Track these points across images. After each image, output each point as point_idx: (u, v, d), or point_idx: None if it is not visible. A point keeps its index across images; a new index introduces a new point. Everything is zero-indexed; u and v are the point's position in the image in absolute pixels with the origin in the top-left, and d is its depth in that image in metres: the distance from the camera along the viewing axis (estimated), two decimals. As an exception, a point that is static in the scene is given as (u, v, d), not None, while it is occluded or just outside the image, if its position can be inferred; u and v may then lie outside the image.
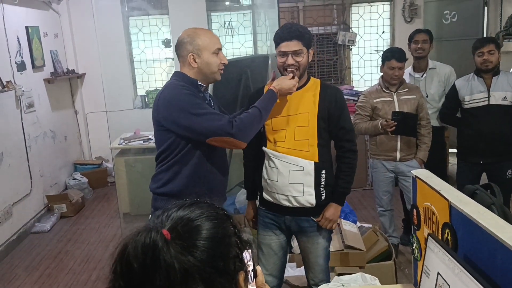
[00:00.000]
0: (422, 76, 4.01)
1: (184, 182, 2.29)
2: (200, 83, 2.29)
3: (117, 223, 5.03)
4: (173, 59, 6.35)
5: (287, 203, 2.44)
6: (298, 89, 2.43)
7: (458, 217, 1.49)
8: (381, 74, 3.68)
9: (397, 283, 3.28)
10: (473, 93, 3.58)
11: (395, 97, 3.59)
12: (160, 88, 6.36)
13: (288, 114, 2.41)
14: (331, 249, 3.33)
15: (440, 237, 1.60)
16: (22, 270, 4.15)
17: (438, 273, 1.47)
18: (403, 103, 3.57)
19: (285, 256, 2.67)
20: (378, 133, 3.59)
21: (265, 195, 2.52)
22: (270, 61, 4.57)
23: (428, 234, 1.59)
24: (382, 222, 3.88)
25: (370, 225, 3.84)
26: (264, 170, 2.49)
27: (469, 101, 3.60)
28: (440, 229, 1.61)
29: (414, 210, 1.88)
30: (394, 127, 3.45)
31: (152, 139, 4.76)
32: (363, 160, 5.65)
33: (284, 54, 2.36)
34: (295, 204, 2.43)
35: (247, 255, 0.93)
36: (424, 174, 1.82)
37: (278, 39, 2.39)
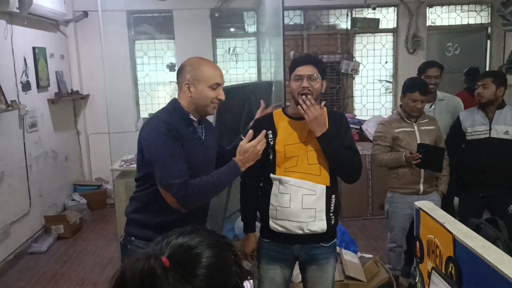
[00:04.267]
0: (430, 107, 3.94)
1: (154, 213, 2.22)
2: (191, 117, 2.23)
3: (114, 246, 4.97)
4: (176, 83, 6.39)
5: (298, 231, 2.38)
6: None
7: (463, 251, 1.47)
8: (400, 103, 3.56)
9: (397, 316, 3.22)
10: (475, 125, 3.58)
11: (416, 127, 3.47)
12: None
13: (300, 141, 2.40)
14: (331, 279, 3.28)
15: (443, 271, 1.58)
16: (17, 291, 4.09)
17: (442, 308, 1.44)
18: (424, 134, 3.44)
19: None
20: (400, 165, 3.43)
21: (272, 225, 2.43)
22: (273, 88, 4.59)
23: (432, 268, 1.57)
24: (390, 256, 3.71)
25: (371, 256, 3.79)
26: (273, 197, 2.43)
27: (471, 132, 3.60)
28: (443, 262, 1.59)
29: (417, 242, 1.85)
30: (419, 160, 3.28)
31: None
32: (365, 189, 5.63)
33: (299, 78, 2.36)
34: (306, 231, 2.38)
35: (247, 284, 0.90)
36: (428, 206, 1.81)
37: (294, 64, 2.40)
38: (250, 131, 2.29)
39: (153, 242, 0.90)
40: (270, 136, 2.45)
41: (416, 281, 1.87)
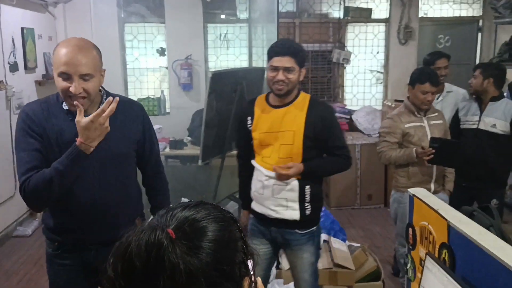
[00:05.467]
0: (437, 99, 3.86)
1: (49, 215, 2.05)
2: (64, 106, 1.90)
3: (101, 230, 4.93)
4: (166, 68, 6.32)
5: (272, 215, 2.46)
6: (286, 105, 2.42)
7: (457, 238, 1.47)
8: (407, 95, 3.36)
9: (384, 304, 3.24)
10: (468, 115, 3.59)
11: (425, 121, 3.25)
12: (151, 96, 6.39)
13: (275, 131, 2.40)
14: (320, 266, 3.29)
15: (436, 257, 1.58)
16: (2, 274, 4.03)
17: (435, 294, 1.44)
18: (433, 128, 3.24)
19: (268, 268, 2.69)
20: (409, 162, 3.20)
21: (252, 205, 2.55)
22: (265, 74, 4.56)
23: (426, 254, 1.56)
24: (401, 263, 3.43)
25: (359, 245, 3.81)
26: (253, 182, 2.52)
27: (463, 121, 3.61)
28: (437, 249, 1.59)
29: (410, 229, 1.85)
30: (431, 156, 3.05)
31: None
32: (353, 179, 5.64)
33: (276, 69, 2.35)
34: (280, 216, 2.45)
35: (250, 263, 0.88)
36: (422, 193, 1.80)
37: (272, 53, 2.38)
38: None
39: (156, 215, 0.88)
40: (249, 122, 2.49)
41: (408, 267, 1.87)
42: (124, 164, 2.02)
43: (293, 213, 2.42)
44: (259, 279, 0.91)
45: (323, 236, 3.66)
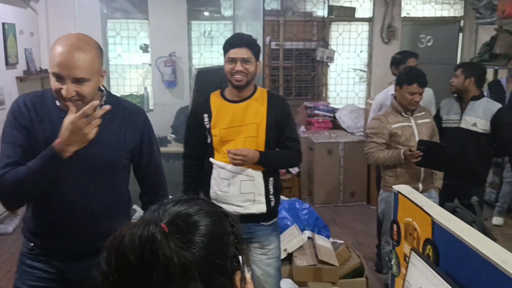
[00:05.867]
0: None
1: (29, 214, 1.91)
2: (57, 103, 1.78)
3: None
4: (150, 64, 6.28)
5: (239, 211, 2.43)
6: (245, 99, 2.45)
7: (441, 233, 1.50)
8: (394, 94, 3.35)
9: (368, 299, 3.28)
10: (450, 114, 3.65)
11: (413, 121, 3.23)
12: (135, 93, 6.34)
13: (237, 125, 2.42)
14: (304, 263, 3.32)
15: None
16: (-18, 273, 3.98)
17: (420, 288, 1.47)
18: (421, 128, 3.23)
19: None
20: (397, 163, 3.18)
21: None
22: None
23: (411, 249, 1.59)
24: (386, 260, 3.38)
25: (342, 241, 3.84)
26: (212, 181, 2.48)
27: (445, 120, 3.67)
28: (421, 245, 1.62)
29: (394, 225, 1.88)
30: (419, 158, 3.03)
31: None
32: (336, 177, 5.69)
33: (233, 60, 2.37)
34: (247, 212, 2.45)
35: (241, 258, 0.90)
36: (406, 189, 1.83)
37: (228, 46, 2.41)
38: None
39: (148, 210, 0.89)
40: (207, 119, 2.47)
41: (392, 263, 1.90)
42: (114, 172, 1.87)
43: (260, 206, 2.45)
44: (248, 275, 0.92)
45: (308, 233, 3.70)
